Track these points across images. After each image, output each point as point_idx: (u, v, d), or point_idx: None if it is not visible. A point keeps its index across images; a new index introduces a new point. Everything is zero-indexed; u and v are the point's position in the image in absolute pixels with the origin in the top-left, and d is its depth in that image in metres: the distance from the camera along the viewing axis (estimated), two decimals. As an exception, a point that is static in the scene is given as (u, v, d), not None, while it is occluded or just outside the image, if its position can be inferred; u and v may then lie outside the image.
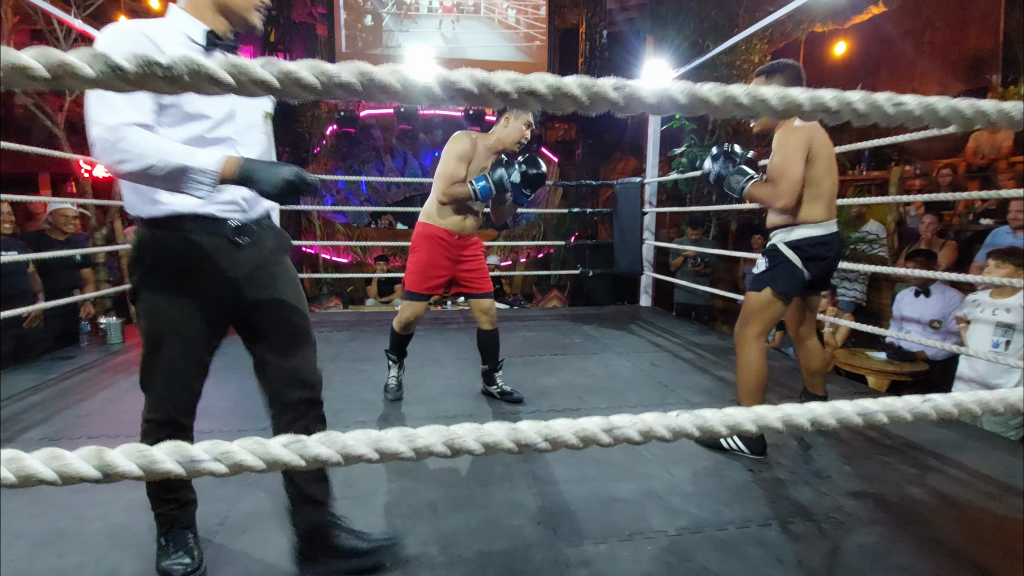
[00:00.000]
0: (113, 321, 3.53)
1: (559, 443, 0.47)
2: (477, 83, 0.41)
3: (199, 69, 0.37)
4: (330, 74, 0.39)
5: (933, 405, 0.54)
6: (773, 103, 0.46)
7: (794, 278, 1.94)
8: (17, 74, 0.36)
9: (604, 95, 0.43)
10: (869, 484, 1.79)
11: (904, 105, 0.49)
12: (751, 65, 5.99)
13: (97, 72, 0.37)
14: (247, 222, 1.25)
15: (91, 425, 2.23)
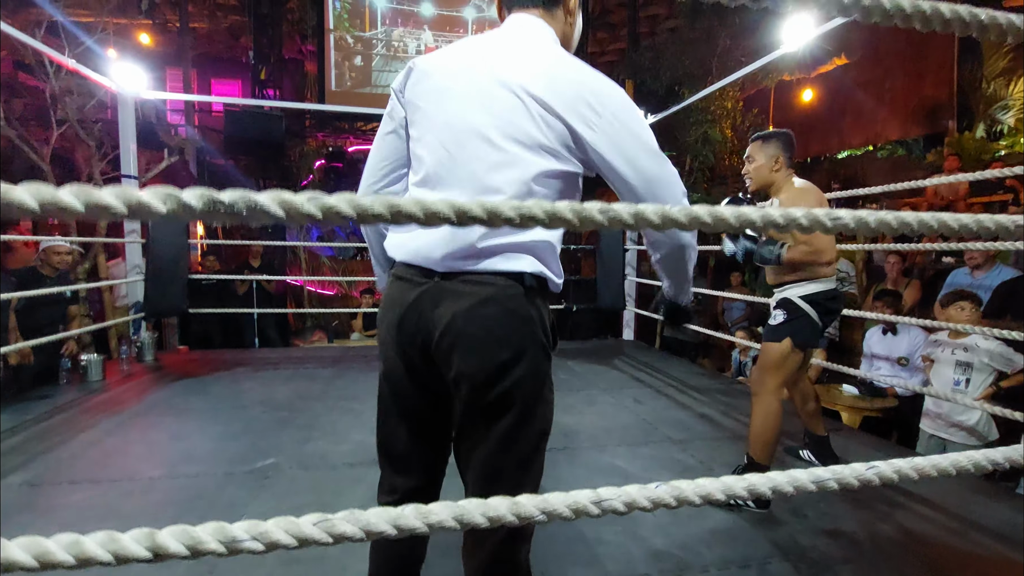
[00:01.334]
0: (94, 358, 3.49)
1: (554, 516, 0.53)
2: (486, 210, 0.49)
3: (255, 204, 0.45)
4: (364, 206, 0.47)
5: (877, 472, 0.62)
6: (731, 221, 0.55)
7: (813, 331, 1.99)
8: (100, 211, 0.43)
9: (591, 217, 0.51)
10: (842, 522, 1.87)
11: (840, 219, 0.58)
12: (724, 110, 6.32)
13: (168, 209, 0.44)
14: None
15: (73, 469, 2.20)
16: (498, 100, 0.93)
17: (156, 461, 2.29)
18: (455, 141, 0.95)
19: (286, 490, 2.03)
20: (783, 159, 2.04)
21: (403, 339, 0.98)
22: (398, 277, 1.00)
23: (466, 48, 1.01)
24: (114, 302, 4.91)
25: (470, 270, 0.93)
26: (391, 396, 1.04)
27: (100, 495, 1.98)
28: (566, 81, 0.93)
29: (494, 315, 0.92)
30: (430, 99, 0.99)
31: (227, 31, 10.03)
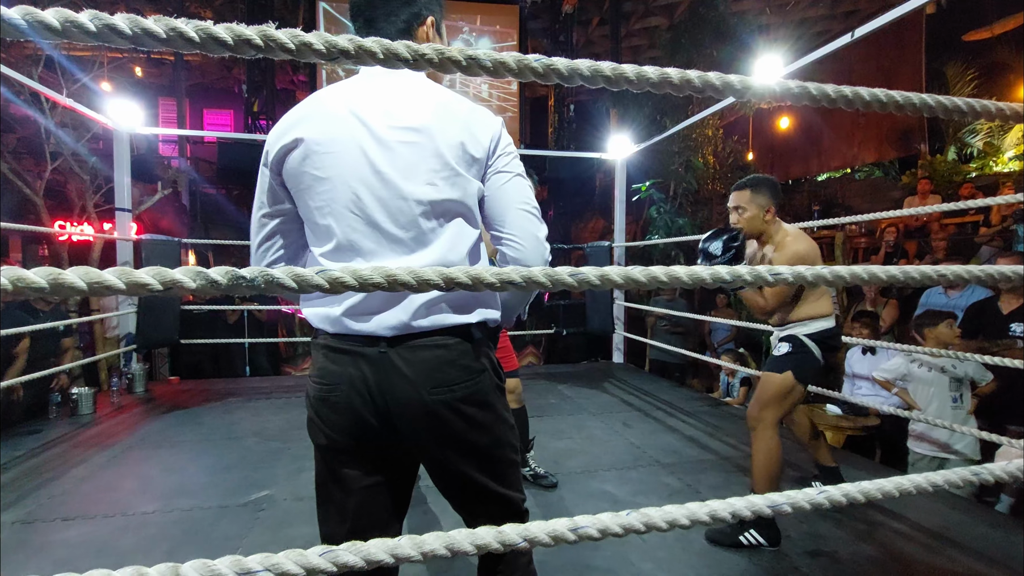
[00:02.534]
0: (85, 391, 3.49)
1: (535, 542, 0.60)
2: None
3: (272, 279, 0.52)
4: (364, 276, 0.55)
5: (827, 496, 0.70)
6: (663, 279, 0.63)
7: (815, 369, 2.02)
8: (138, 289, 0.50)
9: (562, 280, 0.59)
10: (824, 543, 1.92)
11: (780, 274, 0.67)
12: (704, 138, 6.55)
13: (197, 284, 0.51)
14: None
15: (65, 506, 2.21)
16: (401, 146, 0.92)
17: (150, 495, 2.30)
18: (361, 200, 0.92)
19: (281, 522, 2.05)
20: (773, 207, 2.04)
21: (356, 421, 0.93)
22: (333, 349, 0.94)
23: (338, 97, 0.95)
24: (105, 333, 4.92)
25: (418, 331, 0.92)
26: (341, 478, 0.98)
27: (94, 531, 2.00)
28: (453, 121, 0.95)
29: (453, 379, 0.93)
30: (316, 161, 0.92)
31: (219, 62, 10.22)
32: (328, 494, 1.00)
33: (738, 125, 9.58)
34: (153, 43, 0.51)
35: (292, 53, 0.55)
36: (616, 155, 4.97)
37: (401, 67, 0.56)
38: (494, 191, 0.99)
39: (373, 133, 0.92)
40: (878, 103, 0.69)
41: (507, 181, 0.99)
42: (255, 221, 1.03)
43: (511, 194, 0.99)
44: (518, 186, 1.00)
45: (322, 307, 0.95)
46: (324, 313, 0.95)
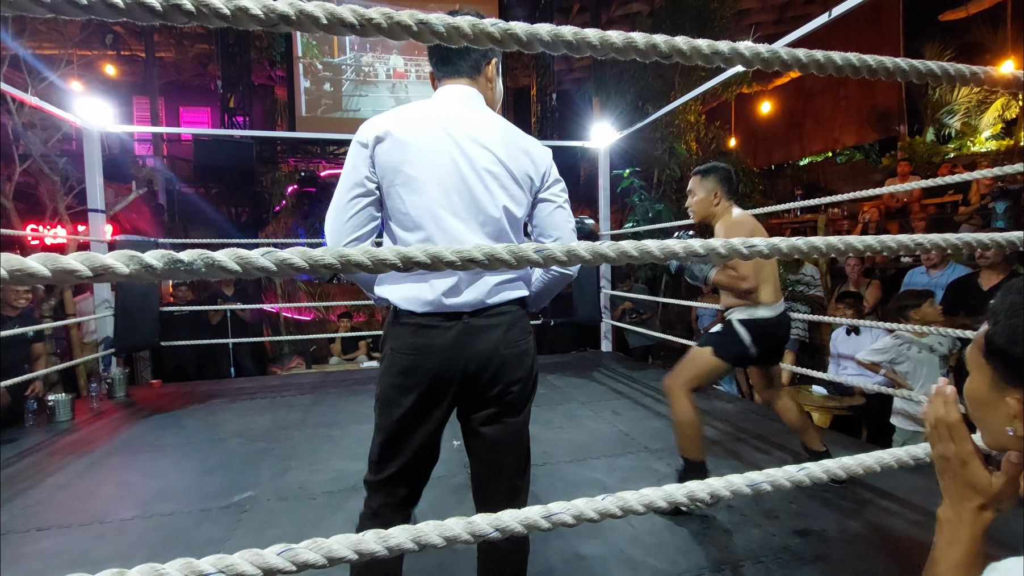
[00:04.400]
0: (62, 398, 3.40)
1: (507, 531, 0.57)
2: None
3: (213, 262, 0.49)
4: (314, 257, 0.51)
5: (807, 473, 0.68)
6: (633, 254, 0.60)
7: (737, 352, 2.11)
8: (66, 277, 0.46)
9: (527, 256, 0.56)
10: (813, 521, 1.93)
11: (755, 246, 0.64)
12: (687, 124, 6.53)
13: (131, 270, 0.47)
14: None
15: (40, 515, 2.14)
16: (482, 160, 1.15)
17: (129, 501, 2.24)
18: (450, 199, 1.12)
19: (264, 523, 2.01)
20: (721, 192, 2.16)
21: (442, 377, 1.14)
22: (421, 325, 1.13)
23: (430, 113, 1.16)
24: (82, 338, 4.80)
25: (490, 304, 1.15)
26: (409, 426, 1.17)
27: (70, 541, 1.94)
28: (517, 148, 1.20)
29: (516, 337, 1.19)
30: (420, 166, 1.11)
31: (194, 59, 10.00)
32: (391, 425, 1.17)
33: (720, 111, 9.60)
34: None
35: (228, 20, 0.51)
36: (599, 143, 4.94)
37: (347, 33, 0.53)
38: (548, 212, 1.25)
39: (461, 148, 1.13)
40: (884, 70, 0.67)
41: (558, 207, 1.26)
42: (345, 204, 1.15)
43: (563, 217, 1.26)
44: (567, 212, 1.27)
45: (412, 293, 1.13)
46: (414, 296, 1.13)
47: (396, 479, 1.19)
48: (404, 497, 1.21)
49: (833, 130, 9.25)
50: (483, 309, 1.15)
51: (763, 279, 2.10)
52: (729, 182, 2.17)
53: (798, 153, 9.94)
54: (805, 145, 9.78)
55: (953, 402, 0.65)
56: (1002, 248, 0.73)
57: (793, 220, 7.78)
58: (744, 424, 3.03)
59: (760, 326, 2.10)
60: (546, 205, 1.24)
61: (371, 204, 1.15)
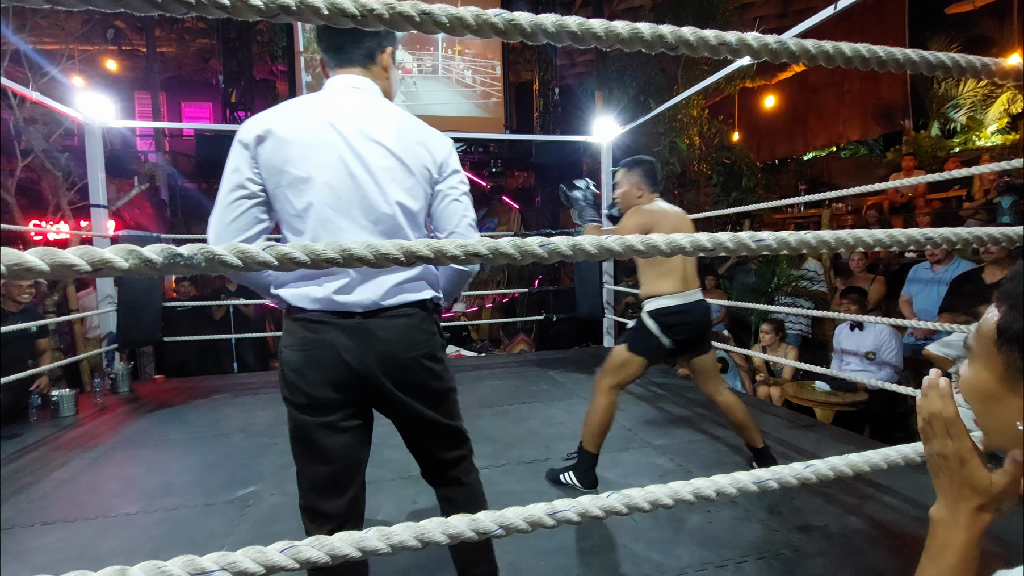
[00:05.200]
0: (66, 393, 3.41)
1: (511, 528, 0.57)
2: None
3: (213, 256, 0.48)
4: (317, 252, 0.51)
5: (814, 471, 0.67)
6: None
7: (650, 343, 2.16)
8: (65, 271, 0.46)
9: (531, 251, 0.55)
10: (815, 517, 1.93)
11: (763, 240, 0.63)
12: (690, 118, 6.50)
13: (130, 265, 0.47)
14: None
15: (45, 510, 2.15)
16: (372, 155, 1.10)
17: (132, 496, 2.25)
18: (339, 198, 1.09)
19: (267, 518, 2.02)
20: (644, 185, 2.23)
21: (337, 373, 1.10)
22: (311, 320, 1.10)
23: (314, 108, 1.11)
24: (85, 333, 4.81)
25: (386, 306, 1.12)
26: (322, 425, 1.13)
27: (74, 535, 1.95)
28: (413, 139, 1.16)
29: (418, 339, 1.16)
30: (305, 165, 1.07)
31: (196, 54, 9.98)
32: (309, 445, 1.14)
33: (724, 106, 9.55)
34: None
35: (227, 11, 0.50)
36: (602, 138, 4.91)
37: (348, 24, 0.52)
38: (443, 205, 1.20)
39: (348, 143, 1.09)
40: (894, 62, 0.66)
41: (454, 200, 1.20)
42: (226, 207, 1.10)
43: (458, 210, 1.21)
44: (463, 205, 1.22)
45: (303, 288, 1.11)
46: (304, 293, 1.11)
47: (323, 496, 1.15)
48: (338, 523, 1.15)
49: (837, 125, 9.19)
50: (379, 310, 1.11)
51: (662, 274, 2.17)
52: (652, 176, 2.24)
53: (802, 148, 9.89)
54: (809, 140, 9.72)
55: (949, 396, 0.60)
56: (1009, 243, 0.72)
57: (797, 215, 7.75)
58: (747, 420, 3.02)
59: (666, 315, 2.15)
60: (442, 197, 1.19)
61: (256, 206, 1.10)
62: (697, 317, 2.21)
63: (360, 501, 1.21)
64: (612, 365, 2.20)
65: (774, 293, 4.92)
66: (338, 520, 1.14)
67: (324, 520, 1.15)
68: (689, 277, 2.21)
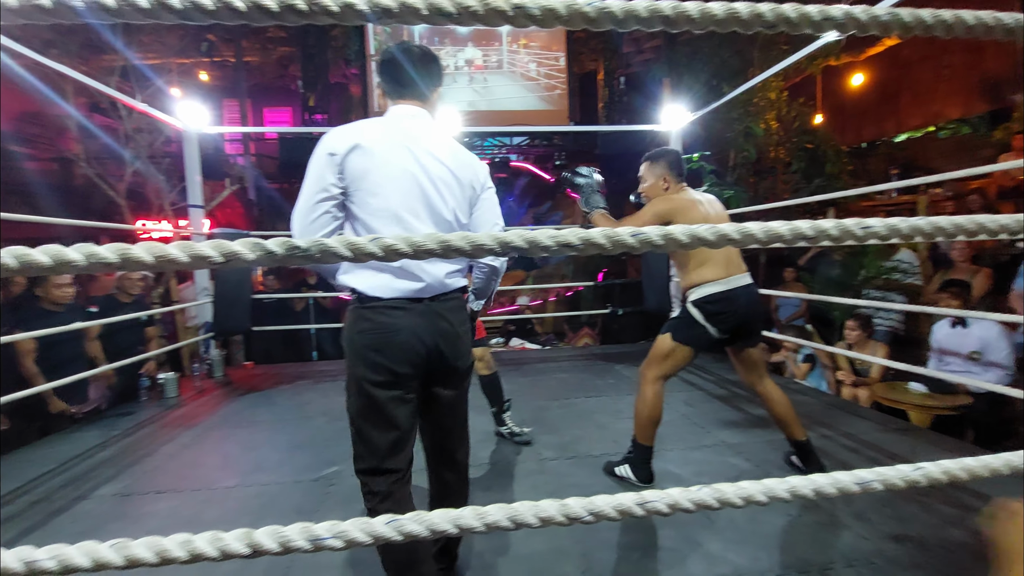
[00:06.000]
0: (170, 376, 3.77)
1: (601, 515, 0.57)
2: (526, 240, 0.54)
3: (326, 248, 0.52)
4: (417, 242, 0.53)
5: (924, 473, 0.63)
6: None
7: (694, 332, 2.09)
8: (200, 261, 0.51)
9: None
10: (909, 526, 1.79)
11: (871, 227, 0.59)
12: (767, 102, 6.13)
13: (255, 256, 0.51)
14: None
15: (157, 480, 2.40)
16: (434, 169, 1.32)
17: (230, 471, 2.46)
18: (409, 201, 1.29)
19: (349, 496, 2.14)
20: (670, 177, 2.18)
21: (411, 351, 1.29)
22: (389, 307, 1.29)
23: (390, 128, 1.33)
24: (185, 323, 5.27)
25: (442, 293, 1.34)
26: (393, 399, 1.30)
27: (182, 504, 2.16)
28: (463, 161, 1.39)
29: (463, 318, 1.41)
30: (384, 172, 1.27)
31: (277, 62, 10.59)
32: (383, 416, 1.30)
33: (804, 86, 8.93)
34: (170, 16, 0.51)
35: (336, 16, 0.53)
36: (670, 126, 4.76)
37: (446, 22, 0.54)
38: (481, 214, 1.43)
39: (416, 158, 1.30)
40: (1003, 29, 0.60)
41: (489, 209, 1.44)
42: (310, 206, 1.29)
43: (490, 216, 1.44)
44: (495, 211, 1.46)
45: (378, 281, 1.29)
46: (381, 283, 1.29)
47: (389, 456, 1.31)
48: (403, 473, 1.34)
49: (934, 102, 8.35)
50: (440, 295, 1.33)
51: (701, 262, 2.09)
52: (677, 166, 2.20)
53: (893, 129, 9.07)
54: (901, 120, 8.90)
55: None
56: None
57: (888, 202, 7.13)
58: (829, 420, 2.84)
59: (710, 302, 2.07)
60: (479, 206, 1.42)
61: (334, 207, 1.29)
62: (744, 304, 2.10)
63: (411, 452, 1.39)
64: (656, 355, 2.17)
65: (861, 286, 4.58)
66: (402, 471, 1.33)
67: (393, 474, 1.32)
68: (733, 262, 2.12)
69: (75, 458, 2.67)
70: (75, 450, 2.77)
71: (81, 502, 2.19)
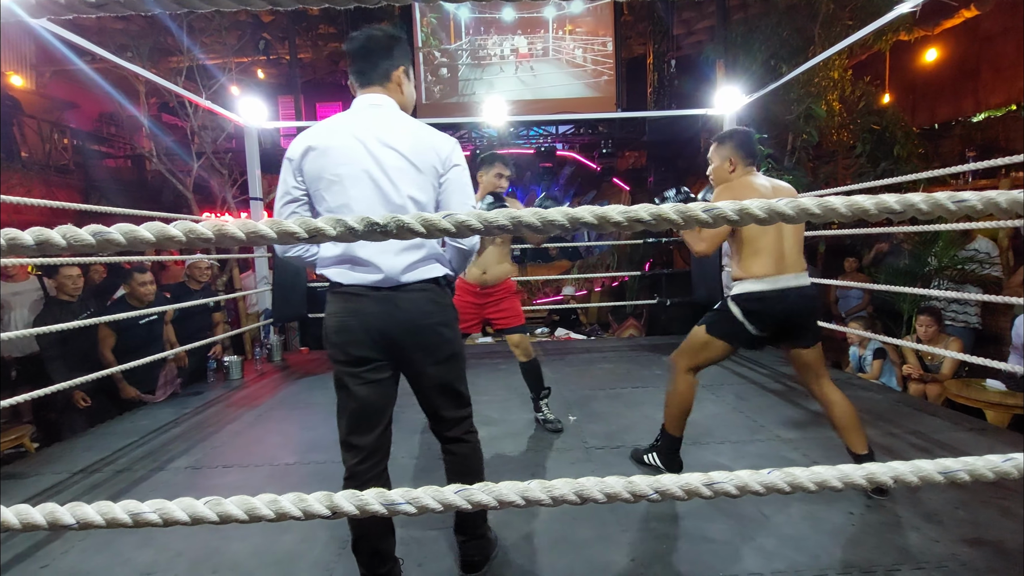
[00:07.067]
0: (235, 359, 3.99)
1: (667, 494, 0.57)
2: (596, 215, 0.54)
3: (403, 224, 0.54)
4: (489, 219, 0.54)
5: (1014, 464, 0.59)
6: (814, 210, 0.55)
7: (732, 328, 1.99)
8: (288, 238, 0.54)
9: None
10: (986, 531, 1.68)
11: (966, 201, 0.56)
12: (830, 82, 5.79)
13: (337, 231, 0.54)
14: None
15: (224, 455, 2.55)
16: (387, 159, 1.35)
17: (290, 448, 2.59)
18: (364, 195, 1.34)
19: (400, 476, 2.21)
20: (737, 159, 2.06)
21: (369, 334, 1.35)
22: (349, 293, 1.36)
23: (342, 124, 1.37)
24: (247, 309, 5.57)
25: (405, 283, 1.37)
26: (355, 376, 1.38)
27: (248, 477, 2.30)
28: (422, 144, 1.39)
29: (431, 310, 1.40)
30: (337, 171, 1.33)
31: (327, 58, 10.90)
32: (346, 391, 1.40)
33: (871, 64, 8.39)
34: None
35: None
36: (724, 110, 4.59)
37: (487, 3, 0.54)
38: (448, 194, 1.43)
39: (369, 150, 1.34)
40: None
41: (454, 188, 1.43)
42: (278, 209, 1.42)
43: (457, 196, 1.44)
44: (463, 189, 1.45)
45: (342, 270, 1.37)
46: (343, 272, 1.37)
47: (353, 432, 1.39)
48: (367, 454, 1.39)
49: (1019, 78, 7.66)
50: (400, 286, 1.36)
51: (752, 253, 1.95)
52: (745, 147, 2.06)
53: (971, 108, 8.40)
54: (980, 98, 8.23)
55: None
56: None
57: (963, 187, 6.65)
58: (895, 418, 2.70)
59: (751, 301, 1.96)
60: (445, 186, 1.43)
61: (301, 207, 1.40)
62: (792, 304, 1.94)
63: (384, 440, 1.44)
64: (690, 346, 2.11)
65: (933, 277, 4.29)
66: (366, 451, 1.39)
67: (356, 450, 1.39)
68: (788, 258, 1.96)
69: (152, 432, 2.88)
70: (152, 425, 2.98)
71: (159, 472, 2.37)
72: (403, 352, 1.39)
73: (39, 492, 2.20)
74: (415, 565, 1.63)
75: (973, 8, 7.12)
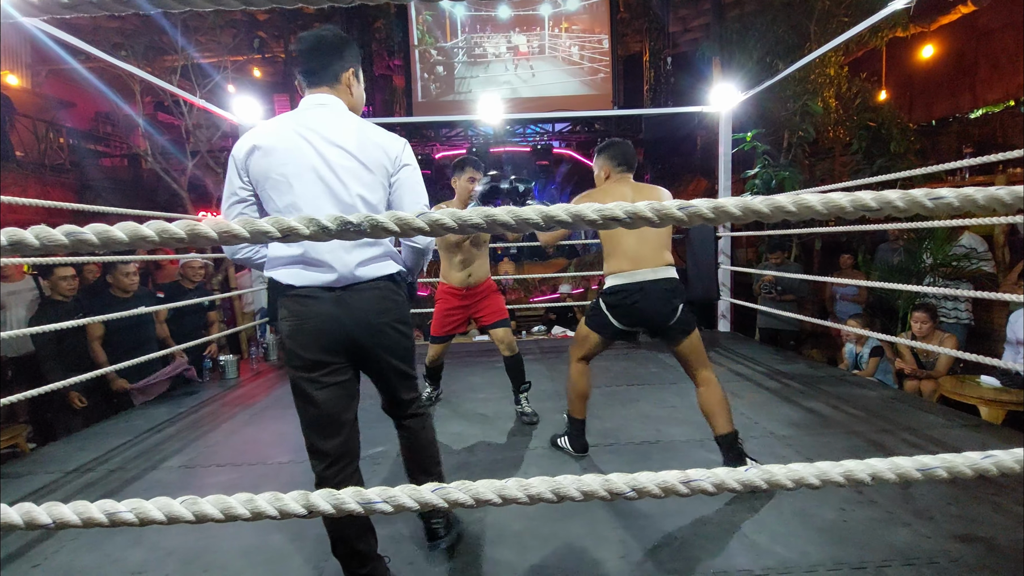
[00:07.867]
0: (231, 358, 3.99)
1: (644, 492, 0.57)
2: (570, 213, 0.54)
3: (376, 223, 0.53)
4: (458, 217, 0.54)
5: (994, 461, 0.59)
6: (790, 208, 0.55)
7: (601, 320, 2.18)
8: (262, 237, 0.53)
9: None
10: (978, 527, 1.69)
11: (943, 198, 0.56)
12: (826, 79, 5.79)
13: (310, 231, 0.53)
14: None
15: (218, 454, 2.55)
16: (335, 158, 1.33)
17: (284, 448, 2.59)
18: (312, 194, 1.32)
19: (394, 475, 2.21)
20: (608, 167, 2.27)
21: (323, 336, 1.34)
22: (300, 295, 1.34)
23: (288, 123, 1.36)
24: (243, 308, 5.55)
25: (361, 279, 1.36)
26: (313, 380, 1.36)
27: (241, 476, 2.29)
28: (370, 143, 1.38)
29: (386, 307, 1.40)
30: (283, 170, 1.31)
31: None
32: (303, 396, 1.37)
33: (868, 61, 8.39)
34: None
35: None
36: (720, 107, 4.58)
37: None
38: (400, 194, 1.44)
39: (316, 149, 1.33)
40: None
41: (406, 188, 1.44)
42: (225, 210, 1.40)
43: (408, 196, 1.45)
44: (415, 189, 1.46)
45: (292, 272, 1.34)
46: (294, 274, 1.34)
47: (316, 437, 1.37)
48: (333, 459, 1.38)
49: (1018, 74, 7.67)
50: (353, 285, 1.35)
51: (611, 253, 2.13)
52: (617, 157, 2.26)
53: (968, 104, 8.40)
54: (979, 94, 8.23)
55: None
56: None
57: (960, 184, 6.65)
58: (890, 415, 2.70)
59: (612, 295, 2.13)
60: (397, 187, 1.43)
61: (247, 208, 1.38)
62: (649, 298, 2.04)
63: (350, 443, 1.42)
64: (576, 338, 2.31)
65: (927, 274, 4.29)
66: (332, 457, 1.38)
67: (321, 456, 1.38)
68: (644, 255, 2.08)
69: (146, 432, 2.87)
70: (146, 424, 2.98)
71: (152, 472, 2.36)
72: (361, 351, 1.39)
73: (31, 492, 2.20)
74: (405, 564, 1.63)
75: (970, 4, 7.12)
